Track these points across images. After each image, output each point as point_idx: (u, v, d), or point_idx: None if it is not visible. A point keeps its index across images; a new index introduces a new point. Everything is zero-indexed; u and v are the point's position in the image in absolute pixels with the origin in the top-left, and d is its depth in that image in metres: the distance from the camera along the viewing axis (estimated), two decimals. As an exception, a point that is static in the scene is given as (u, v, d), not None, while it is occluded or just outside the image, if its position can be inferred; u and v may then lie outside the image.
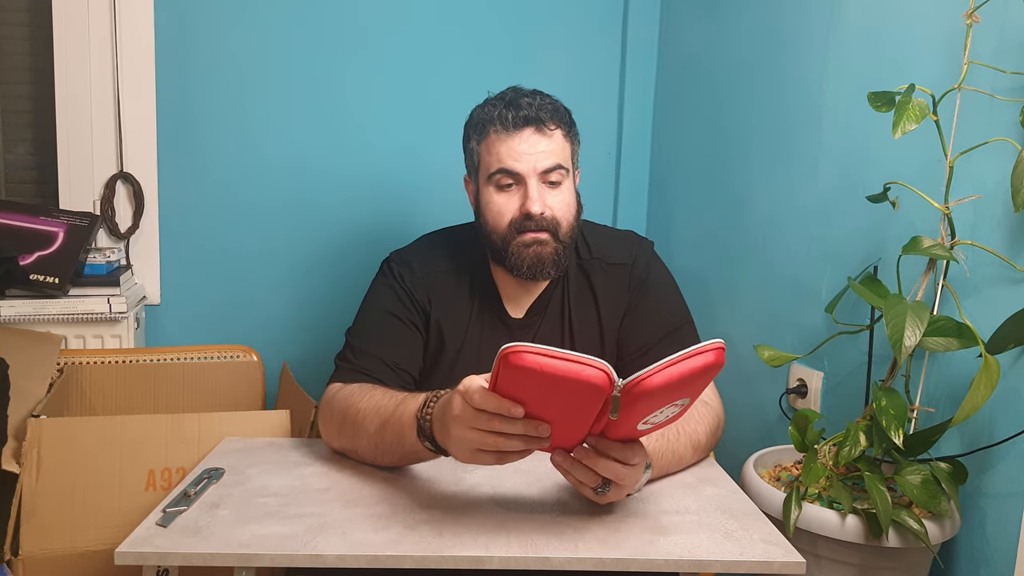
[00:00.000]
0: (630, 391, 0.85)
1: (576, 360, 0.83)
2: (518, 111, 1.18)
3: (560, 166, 1.19)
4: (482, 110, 1.23)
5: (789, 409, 1.55)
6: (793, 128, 1.57)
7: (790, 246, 1.58)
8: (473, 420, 0.89)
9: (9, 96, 1.93)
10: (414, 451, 1.04)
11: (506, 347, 0.83)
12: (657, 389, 0.85)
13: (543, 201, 1.19)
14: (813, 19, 1.52)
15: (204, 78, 1.90)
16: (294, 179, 1.96)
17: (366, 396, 1.13)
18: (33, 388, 1.45)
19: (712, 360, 0.87)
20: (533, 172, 1.18)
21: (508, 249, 1.21)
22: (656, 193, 2.14)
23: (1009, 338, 1.05)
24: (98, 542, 1.28)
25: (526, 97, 1.20)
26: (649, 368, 0.84)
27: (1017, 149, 1.05)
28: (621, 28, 2.10)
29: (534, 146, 1.18)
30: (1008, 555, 1.10)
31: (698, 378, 0.88)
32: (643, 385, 0.84)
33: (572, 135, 1.25)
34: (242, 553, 0.89)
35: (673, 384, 0.86)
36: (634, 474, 0.96)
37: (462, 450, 0.93)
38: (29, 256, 1.66)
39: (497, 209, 1.21)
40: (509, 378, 0.85)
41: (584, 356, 0.83)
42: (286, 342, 1.97)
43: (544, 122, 1.19)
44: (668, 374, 0.85)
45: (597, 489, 0.96)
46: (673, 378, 0.85)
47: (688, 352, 0.86)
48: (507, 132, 1.18)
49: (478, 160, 1.24)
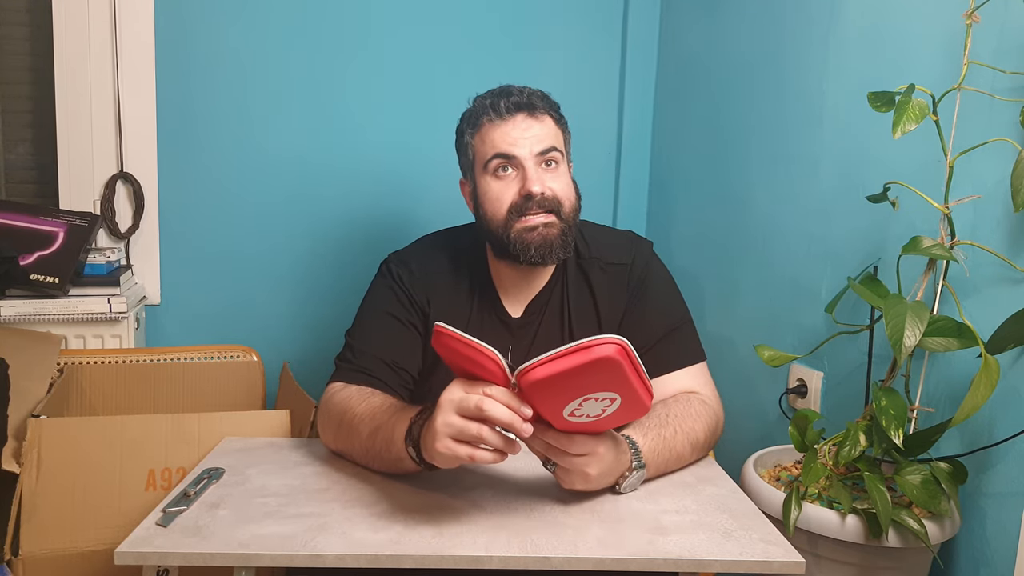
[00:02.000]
0: (522, 377, 0.90)
1: (475, 346, 0.91)
2: (509, 98, 1.20)
3: (555, 148, 1.21)
4: (474, 104, 1.25)
5: (789, 409, 1.55)
6: (793, 128, 1.57)
7: (790, 246, 1.58)
8: (460, 407, 0.92)
9: (9, 96, 1.93)
10: (399, 459, 1.04)
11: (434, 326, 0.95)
12: (545, 381, 0.88)
13: (542, 182, 1.19)
14: (813, 19, 1.52)
15: (204, 78, 1.90)
16: (294, 179, 1.96)
17: (364, 401, 1.13)
18: (33, 388, 1.45)
19: (606, 354, 0.86)
20: (530, 155, 1.19)
21: (510, 236, 1.19)
22: (656, 193, 2.14)
23: (1009, 338, 1.05)
24: (98, 542, 1.29)
25: (516, 88, 1.22)
26: (537, 359, 0.89)
27: (1017, 149, 1.05)
28: (621, 28, 2.10)
29: (528, 130, 1.19)
30: (1008, 555, 1.10)
31: (599, 373, 0.88)
32: (529, 376, 0.89)
33: (562, 124, 1.26)
34: (242, 553, 0.89)
35: (565, 377, 0.88)
36: (572, 461, 0.98)
37: (440, 437, 0.93)
38: (29, 256, 1.66)
39: (495, 196, 1.20)
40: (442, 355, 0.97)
41: (475, 341, 0.90)
42: (286, 342, 1.97)
43: (536, 107, 1.20)
44: (553, 367, 0.88)
45: (546, 465, 1.03)
46: (560, 372, 0.87)
47: (579, 344, 0.87)
48: (500, 119, 1.20)
49: (473, 153, 1.24)
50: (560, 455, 0.99)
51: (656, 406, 1.16)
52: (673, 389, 1.22)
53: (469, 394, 0.92)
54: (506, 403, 0.91)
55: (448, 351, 0.95)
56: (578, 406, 0.92)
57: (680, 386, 1.22)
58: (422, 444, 0.98)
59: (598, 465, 1.00)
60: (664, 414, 1.14)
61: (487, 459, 0.93)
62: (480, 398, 0.91)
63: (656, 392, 1.14)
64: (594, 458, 1.00)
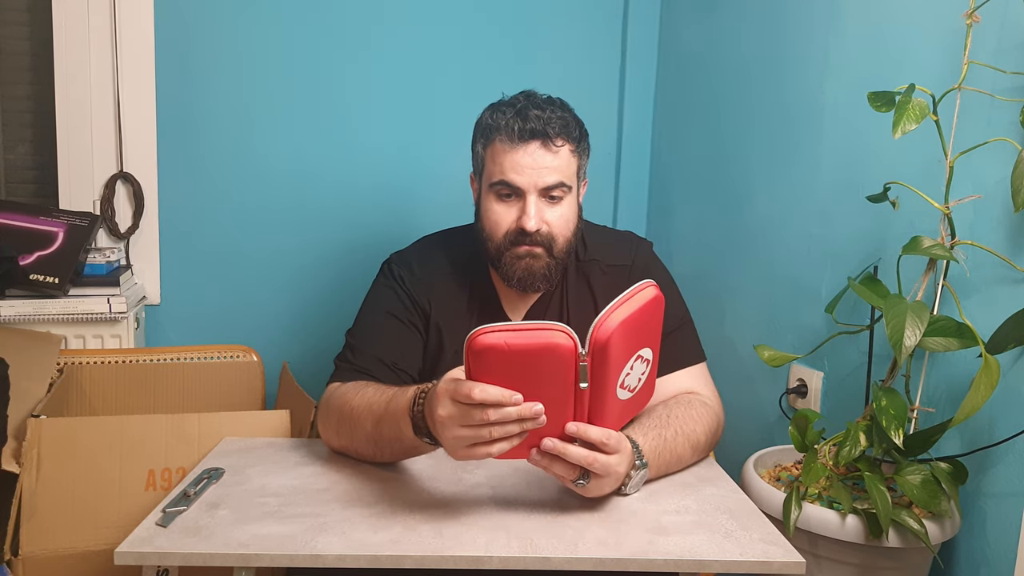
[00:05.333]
0: (595, 342, 0.89)
1: (536, 328, 0.87)
2: (526, 123, 1.16)
3: (562, 184, 1.18)
4: (491, 115, 1.21)
5: (789, 409, 1.55)
6: (793, 128, 1.57)
7: (790, 246, 1.58)
8: (462, 418, 0.90)
9: (9, 96, 1.93)
10: (413, 446, 1.04)
11: (469, 334, 0.86)
12: (618, 331, 0.89)
13: (540, 217, 1.18)
14: (813, 19, 1.52)
15: (204, 78, 1.90)
16: (294, 179, 1.96)
17: (359, 394, 1.13)
18: (33, 388, 1.45)
19: (654, 294, 0.95)
20: (534, 188, 1.17)
21: (502, 259, 1.21)
22: (656, 193, 2.14)
23: (1009, 338, 1.05)
24: (98, 542, 1.29)
25: (536, 109, 1.17)
26: (600, 314, 0.90)
27: (1017, 149, 1.05)
28: (621, 28, 2.10)
29: (538, 161, 1.16)
30: (1008, 555, 1.10)
31: (651, 317, 0.94)
32: (603, 328, 0.89)
33: (581, 149, 1.22)
34: (242, 553, 0.89)
35: (630, 326, 0.91)
36: (612, 464, 0.97)
37: (457, 449, 0.93)
38: (29, 256, 1.66)
39: (495, 219, 1.20)
40: (480, 366, 0.87)
41: (542, 322, 0.88)
42: (286, 342, 1.97)
43: (551, 137, 1.16)
44: (622, 314, 0.90)
45: (576, 481, 0.97)
46: (629, 319, 0.90)
47: (629, 292, 0.93)
48: (512, 144, 1.16)
49: (482, 165, 1.23)
50: (600, 458, 0.96)
51: (656, 407, 1.16)
52: (673, 389, 1.22)
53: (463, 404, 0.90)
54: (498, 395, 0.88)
55: (492, 354, 0.86)
56: (629, 370, 0.95)
57: (680, 386, 1.22)
58: (432, 431, 0.98)
59: (626, 463, 1.00)
60: (665, 415, 1.14)
61: (507, 447, 0.92)
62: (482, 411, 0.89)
63: (656, 393, 1.14)
64: (624, 456, 0.99)
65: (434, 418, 0.94)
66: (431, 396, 0.96)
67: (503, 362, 0.86)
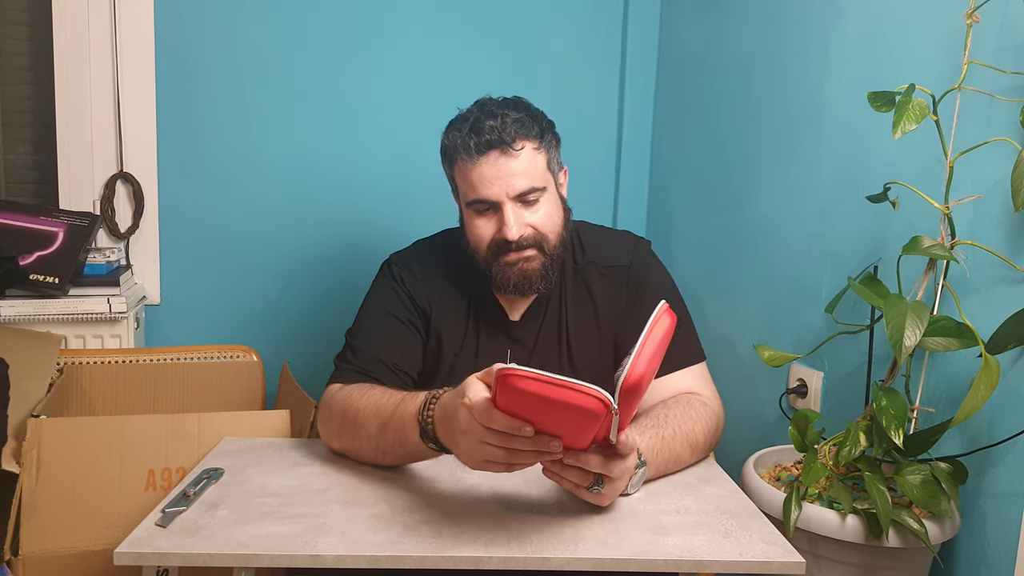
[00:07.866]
0: (626, 391, 0.88)
1: (572, 388, 0.82)
2: (480, 135, 1.15)
3: (533, 188, 1.17)
4: (448, 135, 1.21)
5: (789, 409, 1.55)
6: (793, 128, 1.57)
7: (790, 246, 1.58)
8: (483, 435, 0.89)
9: (9, 96, 1.93)
10: (418, 451, 1.04)
11: (503, 369, 0.82)
12: (647, 373, 0.90)
13: (521, 223, 1.18)
14: (813, 19, 1.52)
15: (204, 78, 1.90)
16: (294, 179, 1.96)
17: (364, 396, 1.13)
18: (33, 388, 1.45)
19: (670, 322, 0.96)
20: (506, 196, 1.17)
21: (492, 270, 1.21)
22: (656, 193, 2.14)
23: (1009, 338, 1.05)
24: (98, 542, 1.29)
25: (489, 119, 1.16)
26: (628, 363, 0.88)
27: (1017, 149, 1.05)
28: (621, 28, 2.10)
29: (502, 170, 1.16)
30: (1008, 555, 1.10)
31: (666, 341, 0.95)
32: (631, 379, 0.88)
33: (547, 142, 1.21)
34: (241, 553, 0.89)
35: (655, 360, 0.92)
36: (628, 466, 0.97)
37: (471, 459, 0.93)
38: (29, 256, 1.66)
39: (479, 233, 1.21)
40: (508, 398, 0.85)
41: (580, 384, 0.82)
42: (286, 342, 1.97)
43: (509, 143, 1.15)
44: (647, 355, 0.90)
45: (591, 488, 0.96)
46: (652, 357, 0.91)
47: (648, 329, 0.92)
48: (473, 160, 1.16)
49: (455, 185, 1.25)
50: (618, 462, 0.95)
51: (655, 407, 1.16)
52: (673, 389, 1.21)
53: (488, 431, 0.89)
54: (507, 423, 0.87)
55: (523, 396, 0.83)
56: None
57: (680, 386, 1.22)
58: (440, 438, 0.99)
59: (626, 465, 0.99)
60: (663, 415, 1.14)
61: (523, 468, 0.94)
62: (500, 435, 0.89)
63: (656, 392, 1.14)
64: (634, 455, 0.99)
65: (454, 429, 0.93)
66: (448, 401, 0.96)
67: (530, 403, 0.85)
